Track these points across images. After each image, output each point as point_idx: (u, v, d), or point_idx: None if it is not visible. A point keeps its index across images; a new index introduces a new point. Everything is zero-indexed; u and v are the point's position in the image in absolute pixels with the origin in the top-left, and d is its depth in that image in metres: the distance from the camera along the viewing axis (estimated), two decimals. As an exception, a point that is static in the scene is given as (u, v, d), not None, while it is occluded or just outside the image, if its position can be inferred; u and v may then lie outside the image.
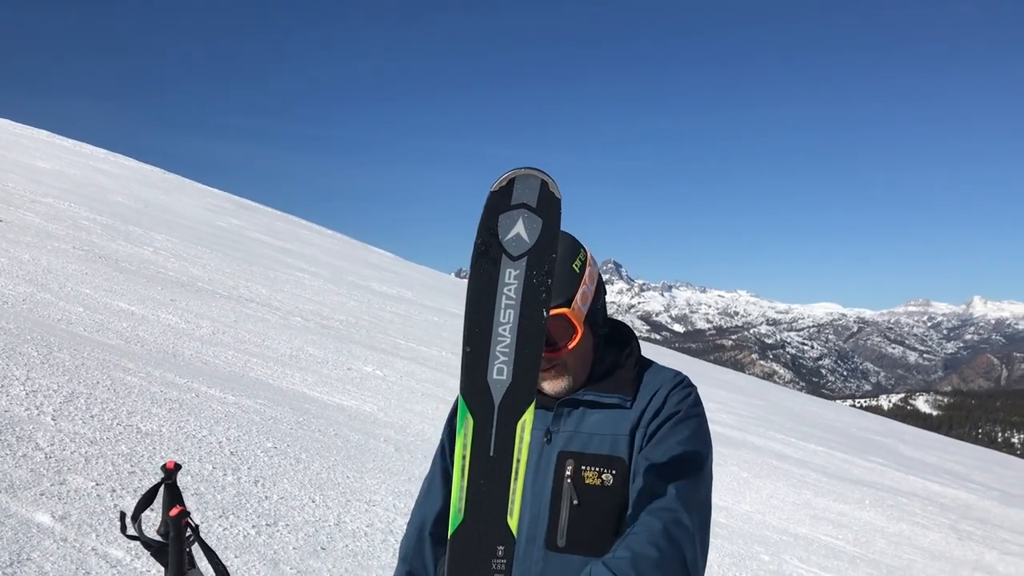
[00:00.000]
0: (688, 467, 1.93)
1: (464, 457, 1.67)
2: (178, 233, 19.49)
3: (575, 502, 1.95)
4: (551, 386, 2.03)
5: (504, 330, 1.62)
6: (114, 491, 4.58)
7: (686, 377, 2.08)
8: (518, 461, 1.67)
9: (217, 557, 1.90)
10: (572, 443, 2.00)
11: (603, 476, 1.96)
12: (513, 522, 1.68)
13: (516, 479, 1.67)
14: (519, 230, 1.59)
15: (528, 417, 1.67)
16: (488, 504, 1.68)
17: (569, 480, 1.97)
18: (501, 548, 1.68)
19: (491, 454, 1.66)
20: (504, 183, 1.57)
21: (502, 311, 1.62)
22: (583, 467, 1.97)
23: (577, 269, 1.98)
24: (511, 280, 1.61)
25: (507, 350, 1.63)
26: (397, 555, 2.16)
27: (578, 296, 1.97)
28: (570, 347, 1.98)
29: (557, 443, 2.01)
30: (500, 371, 1.64)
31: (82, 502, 4.33)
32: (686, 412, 1.99)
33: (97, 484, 4.59)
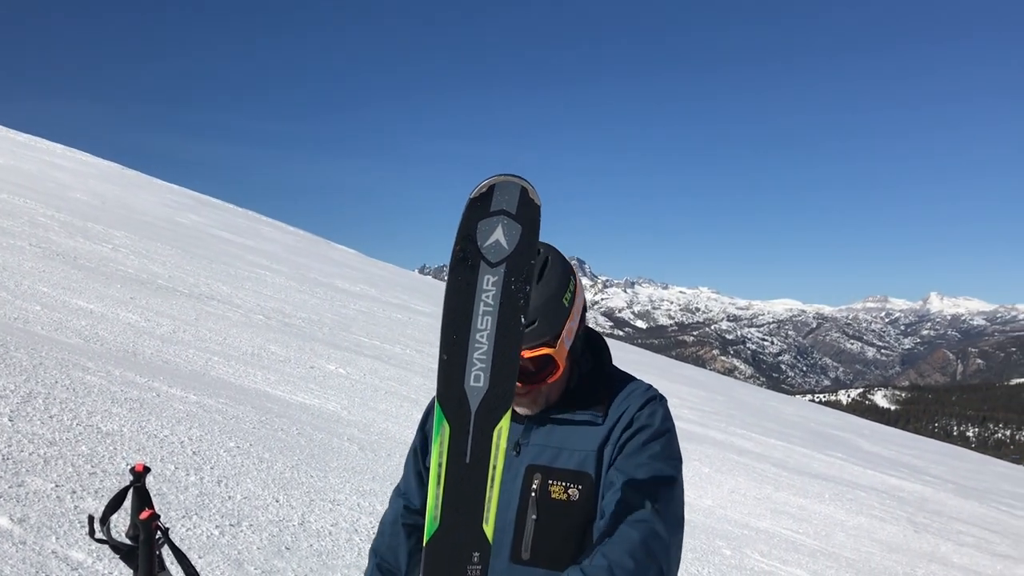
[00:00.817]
0: (662, 481, 1.95)
1: (440, 464, 1.67)
2: (137, 230, 19.23)
3: (533, 517, 1.97)
4: (525, 410, 2.03)
5: (482, 337, 1.62)
6: (74, 492, 4.52)
7: (657, 392, 2.09)
8: (494, 468, 1.67)
9: (188, 560, 1.89)
10: (540, 456, 2.01)
11: (569, 491, 1.97)
12: (489, 529, 1.69)
13: (492, 486, 1.68)
14: (498, 236, 1.59)
15: (505, 424, 1.67)
16: (464, 511, 1.68)
17: (534, 494, 1.98)
18: (477, 554, 1.69)
19: (467, 461, 1.66)
20: (484, 190, 1.57)
21: (480, 318, 1.61)
22: (550, 481, 1.98)
23: (567, 303, 1.96)
24: (490, 287, 1.60)
25: (484, 357, 1.63)
26: (368, 556, 2.17)
27: (564, 332, 1.95)
28: (550, 380, 1.98)
29: (525, 456, 2.02)
30: (477, 378, 1.64)
31: (41, 504, 4.27)
32: (658, 428, 2.00)
33: (57, 486, 4.53)
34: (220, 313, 12.58)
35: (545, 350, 1.90)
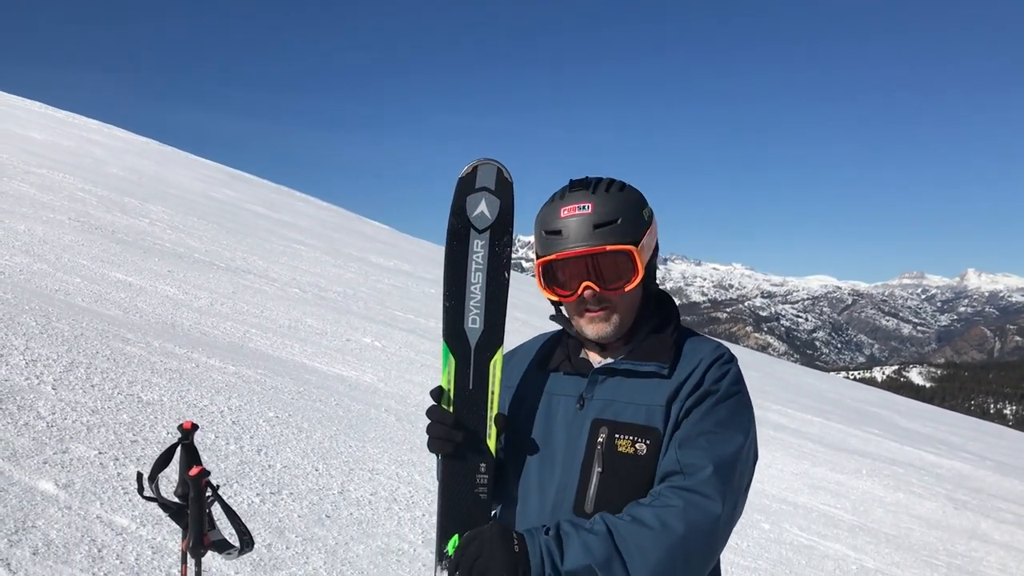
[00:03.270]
0: (722, 450, 1.88)
1: (449, 391, 2.00)
2: (173, 205, 19.38)
3: (599, 470, 1.93)
4: (595, 329, 2.00)
5: (475, 289, 2.00)
6: (117, 459, 4.56)
7: (727, 351, 2.02)
8: (492, 393, 2.01)
9: (239, 518, 1.87)
10: (607, 411, 1.97)
11: (636, 445, 1.92)
12: (491, 443, 1.99)
13: (491, 408, 2.01)
14: (483, 208, 1.98)
15: (498, 358, 2.01)
16: (470, 429, 1.99)
17: (600, 447, 1.94)
18: (483, 465, 1.99)
19: (471, 387, 2.01)
20: (469, 171, 1.97)
21: (472, 273, 2.00)
22: (617, 435, 1.93)
23: (646, 217, 2.00)
24: (478, 249, 1.99)
25: (479, 305, 2.00)
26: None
27: (644, 240, 1.97)
28: (628, 288, 1.96)
29: (590, 410, 1.99)
30: (474, 321, 2.00)
31: (85, 470, 4.31)
32: (725, 391, 1.94)
33: (100, 453, 4.57)
34: (256, 287, 12.65)
35: (627, 246, 1.94)
